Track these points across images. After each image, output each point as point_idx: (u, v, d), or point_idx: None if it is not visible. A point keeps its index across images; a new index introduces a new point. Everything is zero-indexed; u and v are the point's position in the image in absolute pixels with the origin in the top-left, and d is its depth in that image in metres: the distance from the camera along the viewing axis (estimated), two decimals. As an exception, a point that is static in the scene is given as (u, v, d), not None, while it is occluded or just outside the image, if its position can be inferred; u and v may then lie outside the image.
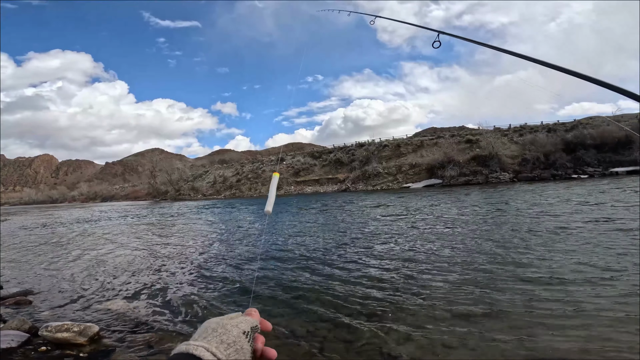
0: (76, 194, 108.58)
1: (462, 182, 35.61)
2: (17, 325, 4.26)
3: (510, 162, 36.38)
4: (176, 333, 4.35)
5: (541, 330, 3.76)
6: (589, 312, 4.04)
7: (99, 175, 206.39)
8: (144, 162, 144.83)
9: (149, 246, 11.19)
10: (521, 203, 14.81)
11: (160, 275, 7.33)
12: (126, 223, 20.25)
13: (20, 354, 3.70)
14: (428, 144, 47.44)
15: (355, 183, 45.69)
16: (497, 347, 3.52)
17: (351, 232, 11.08)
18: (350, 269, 6.69)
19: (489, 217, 11.75)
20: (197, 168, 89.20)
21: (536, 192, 18.90)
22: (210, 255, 9.11)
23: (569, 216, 10.30)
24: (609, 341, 3.42)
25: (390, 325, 4.18)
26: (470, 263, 6.42)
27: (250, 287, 6.02)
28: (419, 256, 7.24)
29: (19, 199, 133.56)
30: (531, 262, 6.14)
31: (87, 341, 4.00)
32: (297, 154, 64.02)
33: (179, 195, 63.95)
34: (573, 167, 31.91)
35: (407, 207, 17.45)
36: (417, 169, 42.59)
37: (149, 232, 14.95)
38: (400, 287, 5.46)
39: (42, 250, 11.50)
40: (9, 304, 5.59)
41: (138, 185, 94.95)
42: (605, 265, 5.60)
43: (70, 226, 20.27)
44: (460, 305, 4.56)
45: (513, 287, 5.05)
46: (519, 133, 41.62)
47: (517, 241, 7.78)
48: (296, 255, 8.33)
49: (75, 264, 8.97)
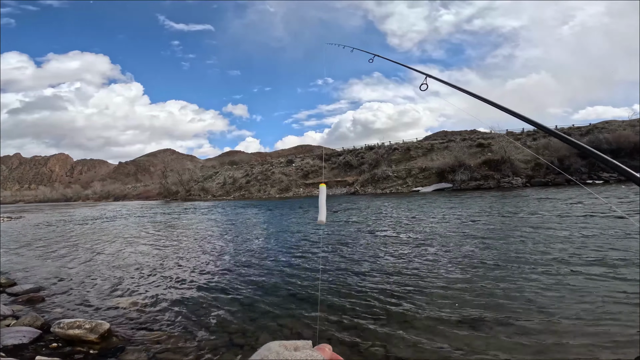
0: (90, 193, 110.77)
1: (473, 186, 35.14)
2: (30, 321, 4.33)
3: (523, 167, 35.77)
4: (185, 332, 4.37)
5: (550, 335, 3.70)
6: (600, 319, 3.96)
7: (112, 175, 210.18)
8: (156, 162, 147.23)
9: (160, 246, 11.31)
10: (533, 208, 14.52)
11: (171, 274, 7.39)
12: (138, 222, 20.53)
13: (31, 350, 3.76)
14: (438, 147, 47.02)
15: (364, 186, 45.50)
16: (505, 351, 3.48)
17: (355, 233, 11.01)
18: (357, 271, 6.63)
19: (499, 221, 11.55)
20: (207, 169, 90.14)
21: (550, 198, 18.52)
22: (222, 256, 9.15)
23: (582, 221, 10.05)
24: (620, 347, 3.35)
25: (397, 328, 4.15)
26: (479, 268, 6.32)
27: (270, 295, 5.99)
28: (427, 260, 7.15)
29: (34, 196, 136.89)
30: (541, 267, 5.99)
31: (97, 338, 4.04)
32: (306, 156, 64.17)
33: (189, 195, 64.65)
34: (588, 172, 31.20)
35: (417, 210, 17.29)
36: (427, 173, 42.20)
37: (160, 232, 15.12)
38: (407, 290, 5.40)
39: (55, 248, 11.72)
40: (22, 301, 5.70)
41: (149, 185, 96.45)
42: (619, 273, 5.45)
43: (84, 224, 20.64)
44: (468, 310, 4.51)
45: (522, 292, 4.97)
46: (533, 137, 40.91)
47: (528, 246, 7.62)
48: (304, 256, 8.31)
49: (87, 261, 9.12)
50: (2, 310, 4.66)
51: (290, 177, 56.92)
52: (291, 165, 60.30)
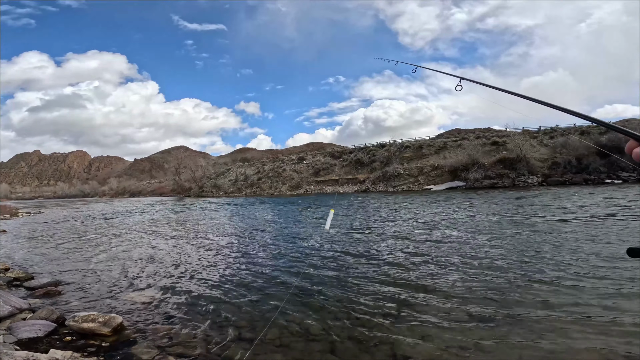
0: (106, 189, 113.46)
1: (487, 185, 34.55)
2: (46, 315, 4.44)
3: (540, 166, 34.96)
4: (195, 326, 4.42)
5: (560, 335, 3.64)
6: (611, 320, 3.88)
7: (127, 172, 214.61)
8: (170, 159, 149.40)
9: (174, 241, 11.49)
10: (546, 207, 14.18)
11: (183, 269, 7.50)
12: (152, 218, 20.91)
13: (45, 343, 3.86)
14: (451, 145, 46.33)
15: (375, 184, 45.25)
16: (514, 350, 3.44)
17: (366, 231, 10.94)
18: (366, 269, 6.60)
19: (513, 220, 11.31)
20: (219, 166, 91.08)
21: (567, 197, 18.06)
22: (234, 252, 9.24)
23: (596, 222, 9.76)
24: (632, 348, 3.28)
25: (405, 325, 4.13)
26: (489, 266, 6.23)
27: (281, 291, 5.99)
28: (437, 258, 7.05)
29: (53, 192, 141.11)
30: (553, 267, 5.84)
31: (110, 332, 4.12)
32: (317, 153, 64.18)
33: (202, 192, 65.49)
34: (607, 171, 30.32)
35: (429, 209, 17.10)
36: (439, 171, 41.69)
37: (174, 228, 15.37)
38: (416, 288, 5.37)
39: (72, 243, 12.04)
40: (39, 294, 5.85)
41: (163, 182, 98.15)
42: (631, 275, 5.28)
43: (100, 220, 21.14)
44: (477, 308, 4.46)
45: (533, 292, 4.90)
46: (550, 135, 39.90)
47: (541, 246, 7.44)
48: (314, 251, 8.31)
49: (103, 256, 9.33)
50: (19, 303, 4.80)
51: (301, 174, 57.03)
52: (302, 163, 60.38)
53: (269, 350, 3.72)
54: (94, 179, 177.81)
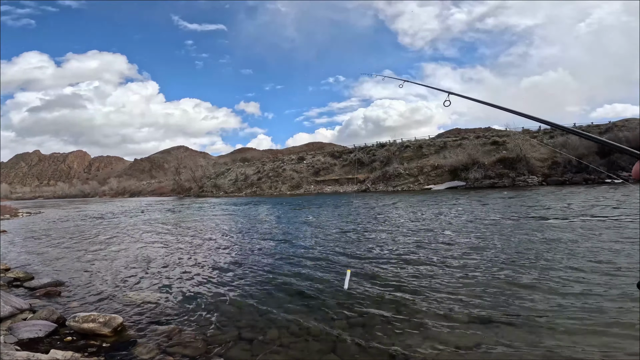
0: (106, 189, 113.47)
1: (486, 184, 34.59)
2: (46, 315, 4.45)
3: (540, 165, 34.98)
4: (196, 326, 4.43)
5: (562, 337, 3.64)
6: (612, 320, 3.88)
7: (127, 172, 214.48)
8: (170, 159, 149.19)
9: (174, 241, 11.49)
10: (546, 208, 14.18)
11: (183, 269, 7.50)
12: (152, 218, 20.91)
13: (46, 343, 3.86)
14: (451, 145, 46.36)
15: (375, 184, 45.29)
16: (514, 352, 3.44)
17: (365, 231, 10.95)
18: (367, 269, 6.60)
19: (514, 220, 11.32)
20: (219, 165, 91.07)
21: (567, 197, 18.06)
22: (234, 252, 9.24)
23: (597, 222, 9.76)
24: (632, 348, 3.28)
25: (405, 326, 4.13)
26: (489, 267, 6.23)
27: (281, 291, 6.00)
28: (437, 258, 7.05)
29: (53, 192, 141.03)
30: (555, 268, 5.85)
31: (111, 332, 4.12)
32: (317, 153, 64.17)
33: (202, 192, 65.51)
34: (607, 171, 30.30)
35: (430, 208, 17.10)
36: (439, 171, 41.73)
37: (174, 228, 15.37)
38: (417, 289, 5.36)
39: (72, 243, 12.04)
40: (39, 294, 5.85)
41: (163, 182, 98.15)
42: (634, 276, 5.28)
43: (100, 220, 21.15)
44: (478, 309, 4.45)
45: (534, 292, 4.90)
46: (550, 135, 39.90)
47: (541, 246, 7.44)
48: (314, 252, 8.31)
49: (104, 256, 9.33)
50: (20, 304, 4.80)
51: (301, 174, 57.08)
52: (302, 162, 60.42)
53: (269, 350, 3.73)
54: (94, 179, 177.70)
